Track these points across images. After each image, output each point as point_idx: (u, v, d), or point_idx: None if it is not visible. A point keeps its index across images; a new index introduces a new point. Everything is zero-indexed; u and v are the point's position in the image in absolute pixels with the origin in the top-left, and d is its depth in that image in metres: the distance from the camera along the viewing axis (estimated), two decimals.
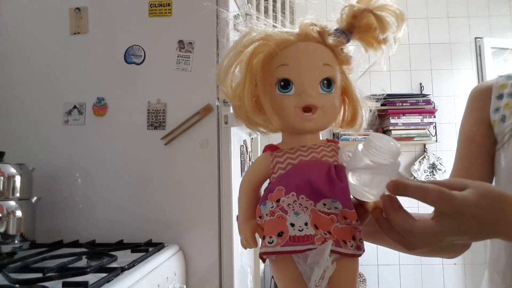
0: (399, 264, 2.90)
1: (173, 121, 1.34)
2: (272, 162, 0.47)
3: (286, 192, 0.44)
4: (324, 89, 0.46)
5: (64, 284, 0.77)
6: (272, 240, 0.42)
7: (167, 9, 1.38)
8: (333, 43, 0.48)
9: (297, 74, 0.46)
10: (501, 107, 0.74)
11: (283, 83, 0.46)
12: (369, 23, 0.47)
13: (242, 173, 1.51)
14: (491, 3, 3.09)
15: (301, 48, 0.47)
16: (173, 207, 1.32)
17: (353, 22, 0.48)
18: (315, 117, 0.46)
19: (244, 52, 0.48)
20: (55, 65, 1.40)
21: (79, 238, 1.28)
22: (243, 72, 0.48)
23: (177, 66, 1.36)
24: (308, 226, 0.43)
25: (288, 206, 0.44)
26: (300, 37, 0.48)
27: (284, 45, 0.47)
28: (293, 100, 0.46)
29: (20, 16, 1.44)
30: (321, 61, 0.47)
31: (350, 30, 0.48)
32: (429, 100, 2.91)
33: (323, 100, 0.46)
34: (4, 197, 1.12)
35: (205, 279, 1.29)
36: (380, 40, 0.48)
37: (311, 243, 0.42)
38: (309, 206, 0.44)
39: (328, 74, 0.47)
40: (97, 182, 1.35)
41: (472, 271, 2.88)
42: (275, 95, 0.47)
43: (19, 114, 1.39)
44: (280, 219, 0.43)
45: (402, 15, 0.47)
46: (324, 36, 0.47)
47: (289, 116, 0.46)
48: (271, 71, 0.47)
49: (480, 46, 3.07)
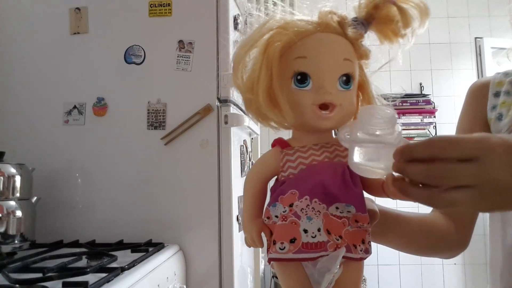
0: (399, 264, 2.90)
1: (173, 121, 1.34)
2: (282, 160, 0.45)
3: (299, 196, 0.42)
4: (343, 85, 0.43)
5: (64, 284, 0.77)
6: (284, 246, 0.41)
7: (167, 9, 1.38)
8: (353, 36, 0.44)
9: (316, 68, 0.43)
10: (498, 105, 0.74)
11: (300, 77, 0.43)
12: (390, 14, 0.44)
13: (242, 173, 1.51)
14: (491, 3, 3.09)
15: (321, 39, 0.44)
16: (173, 207, 1.32)
17: (373, 13, 0.44)
18: (332, 116, 0.43)
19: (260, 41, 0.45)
20: (55, 65, 1.40)
21: (79, 238, 1.28)
22: (258, 63, 0.44)
23: (177, 66, 1.36)
24: (321, 232, 0.41)
25: (301, 210, 0.42)
26: (319, 27, 0.44)
27: (303, 35, 0.43)
28: (310, 97, 0.43)
29: (20, 16, 1.44)
30: (342, 55, 0.44)
31: (368, 20, 0.45)
32: (429, 100, 2.91)
33: (342, 98, 0.43)
34: (4, 197, 1.12)
35: (205, 279, 1.29)
36: (398, 33, 0.46)
37: (324, 250, 0.41)
38: (322, 210, 0.42)
39: (348, 70, 0.44)
40: (97, 182, 1.35)
41: (472, 271, 2.88)
42: (291, 90, 0.43)
43: (19, 114, 1.39)
44: (293, 224, 0.41)
45: (427, 10, 0.44)
46: (344, 27, 0.44)
47: (305, 113, 0.43)
48: (287, 63, 0.44)
49: (480, 46, 3.07)
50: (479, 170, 0.37)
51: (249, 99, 0.46)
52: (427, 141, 0.38)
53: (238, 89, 0.48)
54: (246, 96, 0.47)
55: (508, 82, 0.74)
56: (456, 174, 0.37)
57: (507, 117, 0.71)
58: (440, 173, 0.37)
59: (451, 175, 0.37)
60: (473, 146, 0.37)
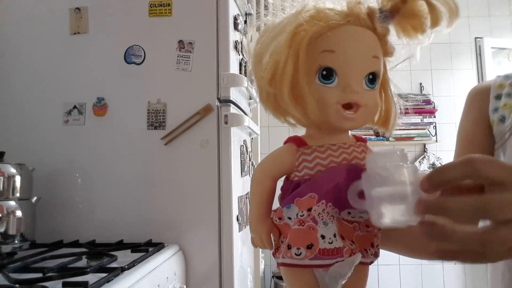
0: (399, 264, 2.90)
1: (173, 121, 1.34)
2: (298, 159, 0.42)
3: (318, 200, 0.40)
4: (369, 84, 0.41)
5: (64, 284, 0.77)
6: (301, 252, 0.39)
7: (167, 9, 1.38)
8: (381, 32, 0.42)
9: (344, 64, 0.40)
10: (500, 107, 0.74)
11: (325, 73, 0.40)
12: (416, 9, 0.42)
13: (242, 173, 1.51)
14: (491, 3, 3.09)
15: (350, 33, 0.41)
16: (173, 207, 1.32)
17: (400, 6, 0.41)
18: (356, 116, 0.41)
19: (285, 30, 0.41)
20: (55, 65, 1.40)
21: (79, 238, 1.28)
22: (285, 53, 0.40)
23: (177, 66, 1.36)
24: (336, 237, 0.40)
25: (318, 215, 0.40)
26: (348, 18, 0.41)
27: (333, 26, 0.40)
28: (335, 94, 0.40)
29: (20, 16, 1.44)
30: (371, 52, 0.41)
31: (392, 13, 0.42)
32: (429, 100, 2.91)
33: (367, 98, 0.41)
34: (4, 197, 1.12)
35: (205, 279, 1.29)
36: (419, 29, 0.43)
37: (340, 256, 0.40)
38: (335, 215, 0.40)
39: (375, 68, 0.41)
40: (97, 182, 1.35)
41: (472, 271, 2.88)
42: (314, 85, 0.41)
43: (19, 114, 1.39)
44: (311, 230, 0.40)
45: (457, 10, 0.41)
46: (374, 21, 0.41)
47: (329, 112, 0.40)
48: (313, 56, 0.40)
49: (480, 46, 3.07)
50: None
51: (269, 93, 0.43)
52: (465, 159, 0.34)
53: (260, 81, 0.44)
54: (267, 89, 0.43)
55: (509, 85, 0.74)
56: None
57: (509, 119, 0.71)
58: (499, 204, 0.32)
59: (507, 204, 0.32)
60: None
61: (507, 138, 0.70)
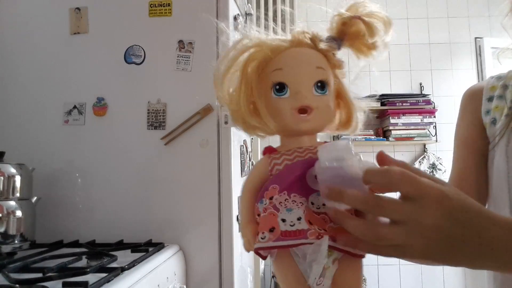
0: (399, 264, 2.90)
1: (173, 121, 1.34)
2: (270, 164, 0.48)
3: (279, 190, 0.45)
4: (318, 91, 0.48)
5: (64, 284, 0.77)
6: (265, 235, 0.43)
7: (167, 9, 1.38)
8: (325, 48, 0.49)
9: (292, 77, 0.47)
10: (491, 109, 0.74)
11: (278, 87, 0.47)
12: (359, 29, 0.49)
13: (242, 173, 1.51)
14: (491, 3, 3.09)
15: (294, 53, 0.49)
16: (173, 207, 1.32)
17: (343, 29, 0.49)
18: (310, 118, 0.47)
19: (239, 58, 0.50)
20: (55, 65, 1.40)
21: (79, 238, 1.28)
22: (239, 79, 0.50)
23: (177, 66, 1.36)
24: (301, 221, 0.43)
25: (280, 204, 0.44)
26: (293, 43, 0.49)
27: (278, 51, 0.48)
28: (289, 102, 0.47)
29: (20, 16, 1.44)
30: (314, 64, 0.48)
31: (340, 37, 0.50)
32: (429, 100, 2.91)
33: (318, 102, 0.47)
34: (4, 197, 1.12)
35: (205, 279, 1.29)
36: (370, 45, 0.50)
37: (303, 237, 0.42)
38: (304, 203, 0.45)
39: (321, 77, 0.48)
40: (97, 182, 1.35)
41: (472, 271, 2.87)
42: (271, 99, 0.48)
43: (19, 114, 1.39)
44: (272, 215, 0.44)
45: (390, 21, 0.49)
46: (316, 42, 0.49)
47: (286, 117, 0.47)
48: (267, 76, 0.48)
49: (480, 46, 3.07)
50: (411, 213, 0.39)
51: (235, 111, 0.51)
52: (386, 169, 0.40)
53: (223, 102, 0.52)
54: (231, 107, 0.51)
55: (501, 86, 0.75)
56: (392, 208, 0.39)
57: (499, 121, 0.72)
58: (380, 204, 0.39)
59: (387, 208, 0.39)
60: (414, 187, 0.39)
61: (497, 141, 0.70)
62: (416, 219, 0.38)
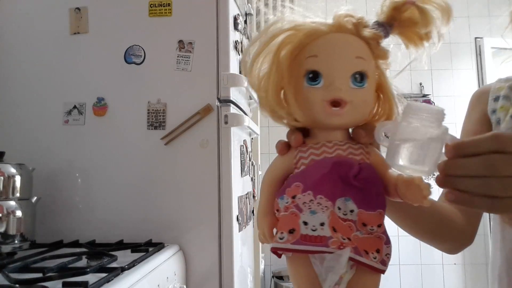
0: (399, 264, 2.90)
1: (173, 121, 1.34)
2: (295, 157, 0.45)
3: (303, 189, 0.42)
4: (356, 83, 0.43)
5: (64, 284, 0.77)
6: (283, 236, 0.41)
7: (167, 9, 1.38)
8: (369, 36, 0.44)
9: (327, 66, 0.43)
10: (497, 109, 0.74)
11: (311, 75, 0.43)
12: (412, 16, 0.44)
13: (242, 173, 1.51)
14: (491, 3, 3.09)
15: (332, 39, 0.44)
16: (173, 207, 1.32)
17: (394, 15, 0.44)
18: (343, 112, 0.43)
19: (272, 42, 0.46)
20: (55, 65, 1.40)
21: (79, 238, 1.28)
22: (270, 63, 0.46)
23: (177, 66, 1.36)
24: (324, 227, 0.40)
25: (303, 204, 0.41)
26: (332, 28, 0.45)
27: (315, 36, 0.44)
28: (321, 93, 0.43)
29: (20, 16, 1.43)
30: (354, 53, 0.44)
31: (390, 23, 0.45)
32: (429, 100, 2.92)
33: (353, 95, 0.43)
34: (4, 197, 1.12)
35: (205, 279, 1.29)
36: (423, 36, 0.45)
37: (324, 245, 0.40)
38: (329, 207, 0.41)
39: (360, 68, 0.43)
40: (97, 182, 1.35)
41: (472, 271, 2.88)
42: (303, 88, 0.44)
43: (19, 114, 1.39)
44: (293, 216, 0.41)
45: (449, 9, 0.44)
46: (359, 28, 0.44)
47: (315, 109, 0.43)
48: (301, 62, 0.44)
49: (480, 46, 3.07)
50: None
51: (263, 97, 0.47)
52: (491, 135, 0.38)
53: (252, 87, 0.49)
54: (259, 94, 0.48)
55: (508, 87, 0.75)
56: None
57: (504, 122, 0.72)
58: (503, 185, 0.37)
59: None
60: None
61: None
62: None
